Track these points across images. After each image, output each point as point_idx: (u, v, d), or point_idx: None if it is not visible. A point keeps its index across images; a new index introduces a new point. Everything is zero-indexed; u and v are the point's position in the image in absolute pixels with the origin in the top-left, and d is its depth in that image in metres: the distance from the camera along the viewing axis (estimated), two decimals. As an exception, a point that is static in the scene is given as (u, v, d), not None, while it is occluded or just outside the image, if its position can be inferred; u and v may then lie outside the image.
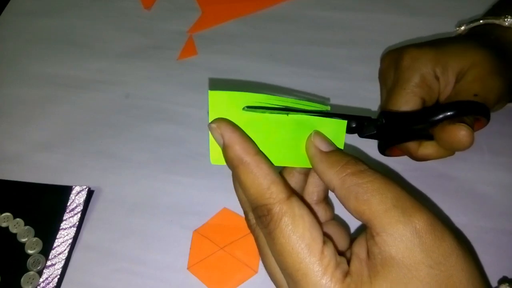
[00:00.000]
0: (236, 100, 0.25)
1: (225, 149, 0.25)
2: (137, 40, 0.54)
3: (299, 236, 0.24)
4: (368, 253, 0.24)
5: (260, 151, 0.25)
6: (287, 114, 0.26)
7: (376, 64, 0.43)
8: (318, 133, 0.27)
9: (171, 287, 0.37)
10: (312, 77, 0.48)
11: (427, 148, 0.37)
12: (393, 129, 0.33)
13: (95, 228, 0.41)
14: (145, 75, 0.51)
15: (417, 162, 0.41)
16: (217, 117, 0.25)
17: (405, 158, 0.42)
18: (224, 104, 0.25)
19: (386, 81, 0.40)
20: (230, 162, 0.25)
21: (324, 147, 0.27)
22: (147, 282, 0.38)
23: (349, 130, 0.29)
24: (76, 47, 0.54)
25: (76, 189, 0.42)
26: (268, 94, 0.26)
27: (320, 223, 0.25)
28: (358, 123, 0.30)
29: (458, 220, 0.38)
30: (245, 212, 0.28)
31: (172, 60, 0.52)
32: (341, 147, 0.28)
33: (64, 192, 0.42)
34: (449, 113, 0.33)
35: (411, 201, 0.24)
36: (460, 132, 0.33)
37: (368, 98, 0.45)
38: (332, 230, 0.28)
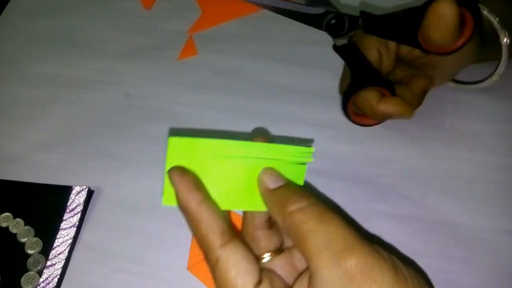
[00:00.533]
0: (195, 146, 0.26)
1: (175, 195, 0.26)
2: (137, 40, 0.54)
3: (229, 282, 0.25)
4: None
5: (206, 197, 0.26)
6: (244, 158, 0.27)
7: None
8: (266, 170, 0.28)
9: (171, 287, 0.37)
10: (312, 77, 0.48)
11: (388, 104, 0.37)
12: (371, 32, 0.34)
13: (95, 228, 0.41)
14: (145, 75, 0.51)
15: (416, 161, 0.41)
16: (173, 162, 0.26)
17: (404, 159, 0.42)
18: (183, 150, 0.26)
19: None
20: (179, 207, 0.27)
21: (271, 183, 0.27)
22: (147, 282, 0.38)
23: (328, 29, 0.29)
24: (76, 47, 0.54)
25: (76, 189, 0.42)
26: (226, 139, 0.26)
27: (256, 263, 0.26)
28: (338, 19, 0.30)
29: (458, 220, 0.38)
30: None
31: (172, 60, 0.52)
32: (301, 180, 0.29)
33: (64, 192, 0.42)
34: None
35: (344, 241, 0.24)
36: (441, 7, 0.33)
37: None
38: (280, 263, 0.29)
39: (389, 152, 0.42)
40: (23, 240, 0.40)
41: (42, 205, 0.42)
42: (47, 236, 0.40)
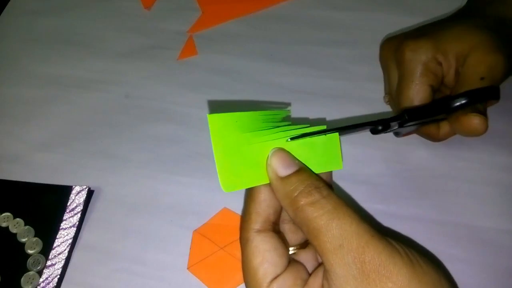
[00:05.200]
0: (233, 120, 0.26)
1: None
2: (137, 40, 0.54)
3: (252, 267, 0.26)
4: (322, 284, 0.25)
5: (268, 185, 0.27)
6: (287, 140, 0.27)
7: (376, 64, 0.43)
8: (276, 152, 0.26)
9: (171, 287, 0.37)
10: (312, 77, 0.48)
11: (446, 128, 0.39)
12: (414, 122, 0.35)
13: (95, 228, 0.41)
14: (145, 75, 0.51)
15: (416, 161, 0.41)
16: (217, 138, 0.26)
17: (404, 159, 0.42)
18: (222, 125, 0.26)
19: (388, 70, 0.41)
20: None
21: (281, 170, 0.26)
22: (147, 282, 0.38)
23: (376, 132, 0.31)
24: (76, 47, 0.54)
25: (76, 189, 0.42)
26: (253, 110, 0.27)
27: (286, 257, 0.27)
28: (385, 125, 0.31)
29: (458, 220, 0.38)
30: None
31: (172, 60, 0.52)
32: (339, 160, 0.29)
33: (64, 192, 0.42)
34: (463, 102, 0.34)
35: (358, 239, 0.24)
36: (474, 122, 0.34)
37: (368, 98, 0.45)
38: (304, 256, 0.29)
39: (389, 152, 0.42)
40: (23, 240, 0.40)
41: (42, 205, 0.42)
42: (47, 236, 0.40)
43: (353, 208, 0.25)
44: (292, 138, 0.27)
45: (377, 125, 0.30)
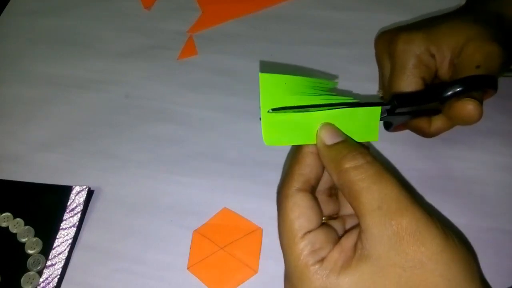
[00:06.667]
0: (281, 82, 0.28)
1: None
2: (137, 40, 0.54)
3: (289, 220, 0.27)
4: (356, 244, 0.26)
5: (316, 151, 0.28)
6: (322, 110, 0.28)
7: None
8: (324, 126, 0.28)
9: (171, 287, 0.37)
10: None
11: (438, 122, 0.38)
12: (404, 109, 0.34)
13: (95, 228, 0.41)
14: (145, 75, 0.51)
15: (416, 161, 0.41)
16: (266, 97, 0.28)
17: (404, 159, 0.42)
18: (272, 84, 0.28)
19: (382, 63, 0.41)
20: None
21: (328, 140, 0.28)
22: (147, 282, 0.38)
23: None
24: (76, 47, 0.54)
25: (76, 189, 0.42)
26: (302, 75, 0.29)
27: (320, 217, 0.28)
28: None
29: (458, 220, 0.38)
30: None
31: (172, 60, 0.52)
32: (375, 132, 0.30)
33: (64, 192, 0.42)
34: (457, 89, 0.33)
35: (398, 203, 0.24)
36: (467, 107, 0.33)
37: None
38: (334, 225, 0.29)
39: (389, 152, 0.42)
40: (23, 240, 0.40)
41: (42, 205, 0.42)
42: (47, 236, 0.40)
43: (395, 176, 0.26)
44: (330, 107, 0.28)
45: (364, 106, 0.30)
